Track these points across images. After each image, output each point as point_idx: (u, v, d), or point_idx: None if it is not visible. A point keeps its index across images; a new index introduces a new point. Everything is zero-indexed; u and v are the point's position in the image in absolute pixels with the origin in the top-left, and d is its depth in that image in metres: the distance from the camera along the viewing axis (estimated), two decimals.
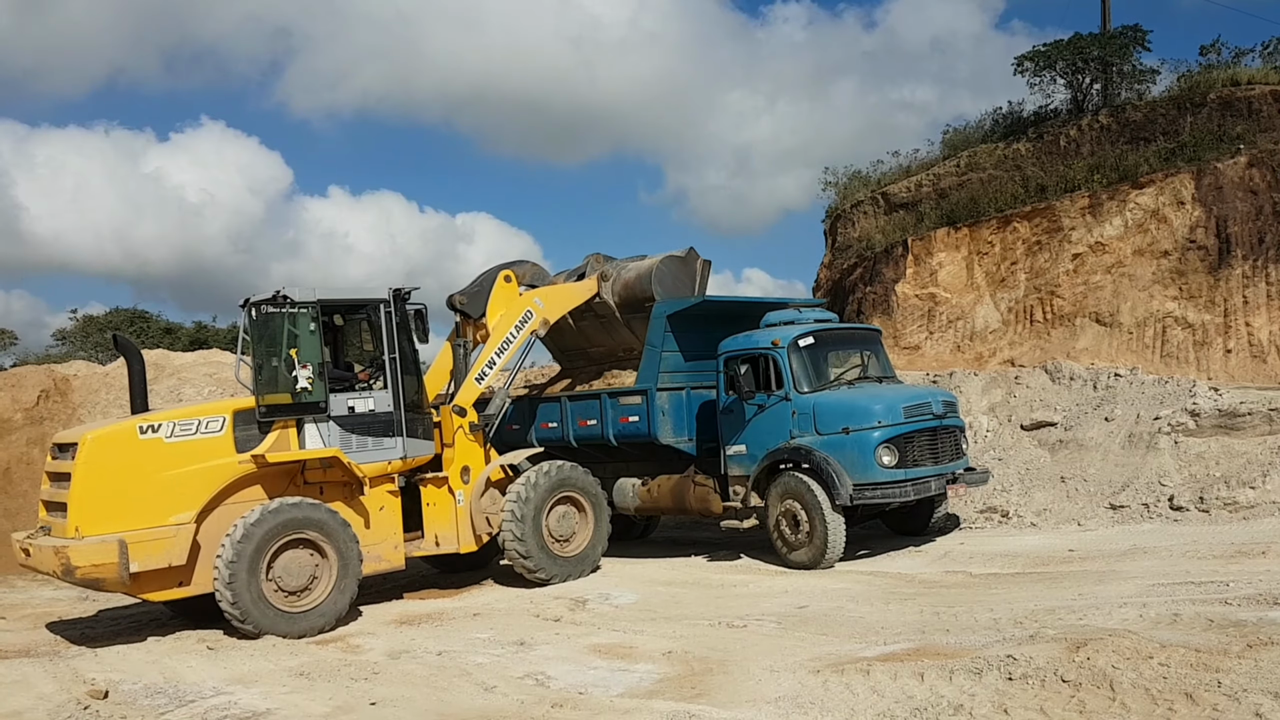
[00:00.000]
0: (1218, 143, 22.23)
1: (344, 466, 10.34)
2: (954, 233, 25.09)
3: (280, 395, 10.18)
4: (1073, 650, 6.31)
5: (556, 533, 11.70)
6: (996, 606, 8.36)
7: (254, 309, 10.21)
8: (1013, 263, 24.59)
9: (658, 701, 6.80)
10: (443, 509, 11.38)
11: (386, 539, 10.82)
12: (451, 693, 7.36)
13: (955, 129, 28.16)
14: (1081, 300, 23.33)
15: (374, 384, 10.83)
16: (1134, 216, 22.92)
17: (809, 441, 11.38)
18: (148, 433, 9.69)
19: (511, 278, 12.59)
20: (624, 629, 9.09)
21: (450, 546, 11.43)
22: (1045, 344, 23.58)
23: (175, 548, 9.49)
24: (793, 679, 6.99)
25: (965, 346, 24.77)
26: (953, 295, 25.13)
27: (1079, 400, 13.86)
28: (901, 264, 25.71)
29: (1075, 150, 25.08)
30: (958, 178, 26.40)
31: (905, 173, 27.85)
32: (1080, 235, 23.47)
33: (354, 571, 10.08)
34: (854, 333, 13.45)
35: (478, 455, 11.70)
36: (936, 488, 11.30)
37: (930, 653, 7.07)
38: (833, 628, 8.39)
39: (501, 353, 12.16)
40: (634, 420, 12.55)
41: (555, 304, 12.88)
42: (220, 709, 7.24)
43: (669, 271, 13.08)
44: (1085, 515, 11.96)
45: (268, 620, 9.52)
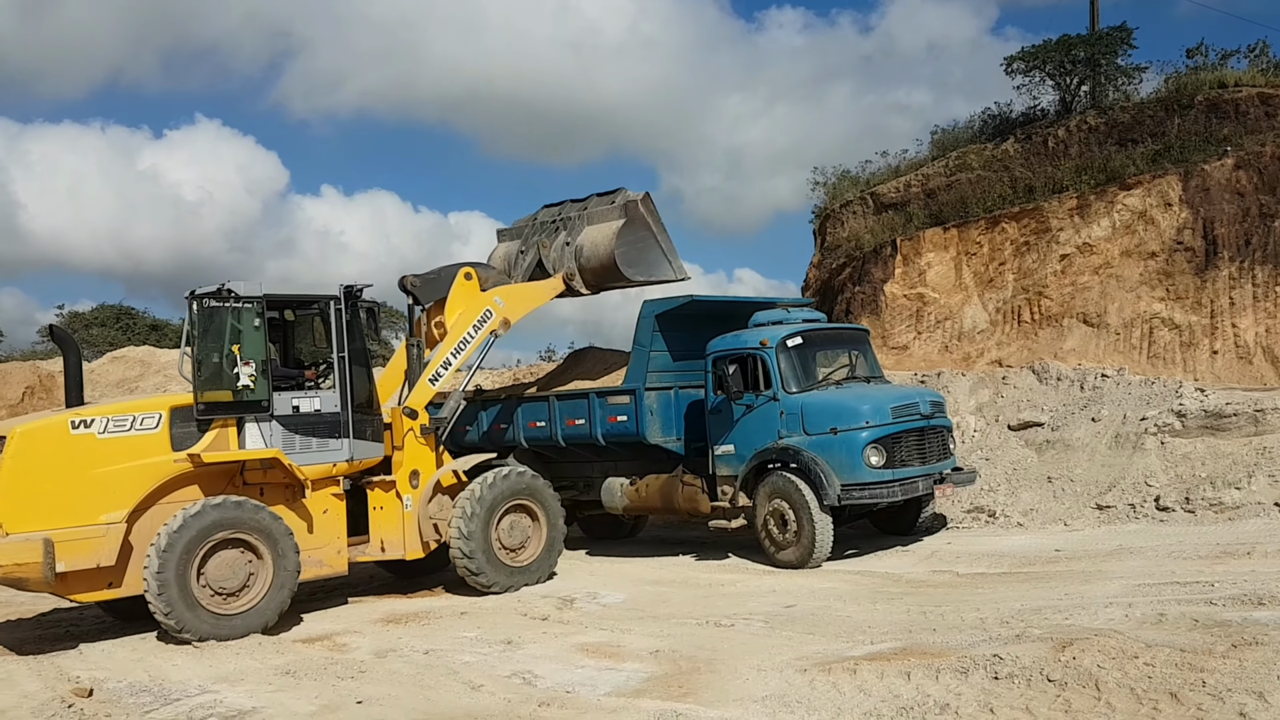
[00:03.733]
0: (1205, 145, 22.29)
1: (285, 468, 10.00)
2: (942, 233, 25.10)
3: (221, 392, 9.83)
4: (1059, 650, 6.34)
5: (507, 541, 11.22)
6: (983, 606, 8.38)
7: (197, 302, 9.89)
8: (1001, 263, 24.62)
9: (645, 700, 6.80)
10: (390, 514, 11.01)
11: (329, 543, 10.47)
12: (438, 691, 7.34)
13: (944, 130, 28.15)
14: (1069, 301, 23.37)
15: (322, 383, 10.55)
16: (1121, 218, 22.98)
17: (797, 442, 11.39)
18: (80, 427, 9.33)
19: (473, 275, 12.18)
20: (611, 628, 9.07)
21: (396, 553, 11.08)
22: (1033, 344, 23.62)
23: (105, 548, 9.15)
24: (779, 678, 6.99)
25: (953, 346, 24.80)
26: (941, 295, 25.15)
27: (1066, 400, 13.92)
28: (890, 264, 25.71)
29: (1063, 151, 25.13)
30: (946, 178, 26.44)
31: (894, 173, 27.89)
32: (1068, 236, 23.51)
33: (291, 572, 9.74)
34: (842, 333, 13.47)
35: (428, 459, 11.34)
36: (924, 488, 11.34)
37: (917, 652, 7.08)
38: (820, 627, 8.40)
39: (458, 353, 11.74)
40: (622, 420, 12.54)
41: (517, 303, 12.43)
42: (206, 707, 7.23)
43: (629, 244, 12.51)
44: (1071, 515, 12.01)
45: (200, 623, 9.24)
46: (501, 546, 11.15)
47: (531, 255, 12.75)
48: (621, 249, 12.36)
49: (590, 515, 14.56)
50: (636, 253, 12.54)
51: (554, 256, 12.74)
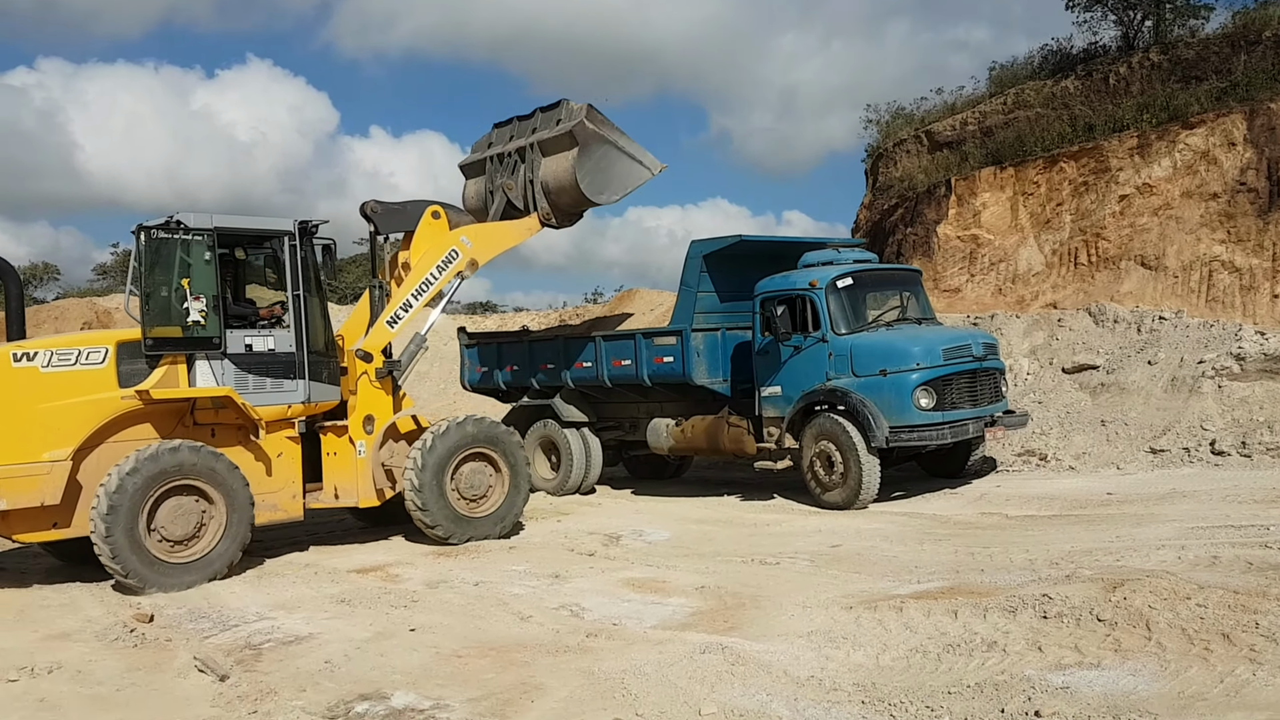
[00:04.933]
0: (1272, 82, 21.46)
1: (237, 408, 9.63)
2: (999, 173, 24.60)
3: (170, 328, 9.39)
4: (1109, 590, 6.28)
5: (466, 491, 10.64)
6: (1032, 548, 8.33)
7: (145, 234, 9.47)
8: (1058, 204, 24.10)
9: (690, 634, 6.87)
10: (343, 460, 10.55)
11: (284, 487, 10.08)
12: (488, 621, 7.47)
13: (1003, 66, 27.39)
14: (1127, 243, 22.85)
15: (277, 322, 10.08)
16: (1183, 158, 22.32)
17: (845, 383, 11.32)
18: (22, 360, 8.95)
19: (441, 214, 11.51)
20: (657, 564, 9.16)
21: (350, 500, 10.64)
22: (1089, 287, 23.18)
23: (49, 486, 8.80)
24: (825, 614, 7.02)
25: (1007, 289, 24.42)
26: (996, 237, 24.71)
27: (1122, 343, 13.65)
28: (944, 204, 25.28)
29: (1124, 89, 24.40)
30: (1004, 116, 25.82)
31: (950, 110, 27.26)
32: (1128, 176, 22.92)
33: (245, 519, 9.39)
34: (894, 274, 13.28)
35: (384, 404, 10.80)
36: (974, 430, 11.23)
37: (964, 591, 7.07)
38: (866, 566, 8.41)
39: (420, 294, 11.10)
40: (669, 361, 12.53)
41: (487, 243, 11.68)
42: (264, 632, 7.42)
43: (591, 169, 11.53)
44: (1125, 459, 11.84)
45: (150, 572, 8.88)
46: (460, 497, 10.60)
47: (500, 198, 12.14)
48: (587, 178, 11.52)
49: (635, 456, 14.68)
50: (602, 174, 11.68)
51: (522, 197, 11.99)
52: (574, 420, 13.65)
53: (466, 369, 15.15)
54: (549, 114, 11.90)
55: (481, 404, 17.74)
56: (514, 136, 12.21)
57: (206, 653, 6.80)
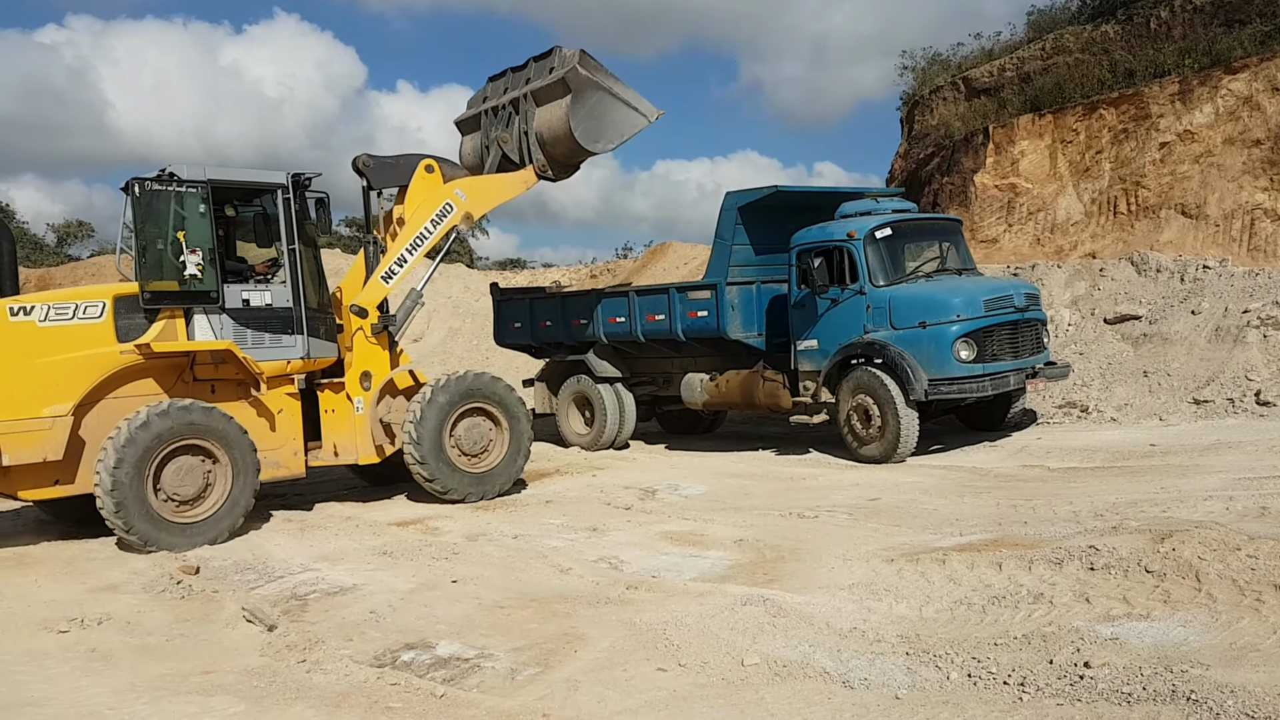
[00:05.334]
0: None
1: (239, 362, 9.56)
2: (1037, 120, 24.13)
3: (167, 282, 9.28)
4: (1157, 541, 6.21)
5: (466, 447, 10.54)
6: (1075, 500, 8.24)
7: (138, 186, 9.29)
8: (1097, 152, 23.63)
9: (730, 586, 6.87)
10: (341, 417, 10.46)
11: (286, 444, 10.01)
12: (529, 573, 7.52)
13: (1041, 10, 26.79)
14: (1168, 191, 22.38)
15: (271, 278, 9.96)
16: (1225, 103, 21.78)
17: (884, 336, 11.20)
18: (19, 315, 8.83)
19: (435, 167, 11.24)
20: (694, 518, 9.16)
21: (349, 457, 10.53)
22: (1129, 236, 22.78)
23: (51, 441, 8.74)
24: (866, 567, 7.00)
25: (1045, 239, 24.06)
26: (1034, 186, 24.31)
27: (1165, 293, 13.41)
28: (981, 153, 24.87)
29: (1166, 33, 23.77)
30: (1043, 61, 25.28)
31: (987, 56, 26.73)
32: (1168, 123, 22.41)
33: (251, 478, 9.31)
34: (933, 223, 13.05)
35: (380, 360, 10.72)
36: (1015, 382, 11.09)
37: (1008, 543, 7.02)
38: (905, 519, 8.36)
39: (414, 249, 10.88)
40: (703, 315, 12.45)
41: (481, 197, 11.43)
42: (309, 584, 7.52)
43: (585, 117, 11.12)
44: (1167, 410, 11.67)
45: (155, 532, 8.81)
46: (460, 453, 10.52)
47: (495, 151, 11.82)
48: (581, 126, 11.10)
49: (669, 411, 14.67)
50: (597, 122, 11.26)
51: (518, 149, 11.64)
52: (608, 375, 13.64)
53: (499, 325, 15.14)
54: (541, 63, 11.57)
55: (514, 359, 17.80)
56: (508, 88, 11.93)
57: (254, 603, 6.89)
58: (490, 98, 12.15)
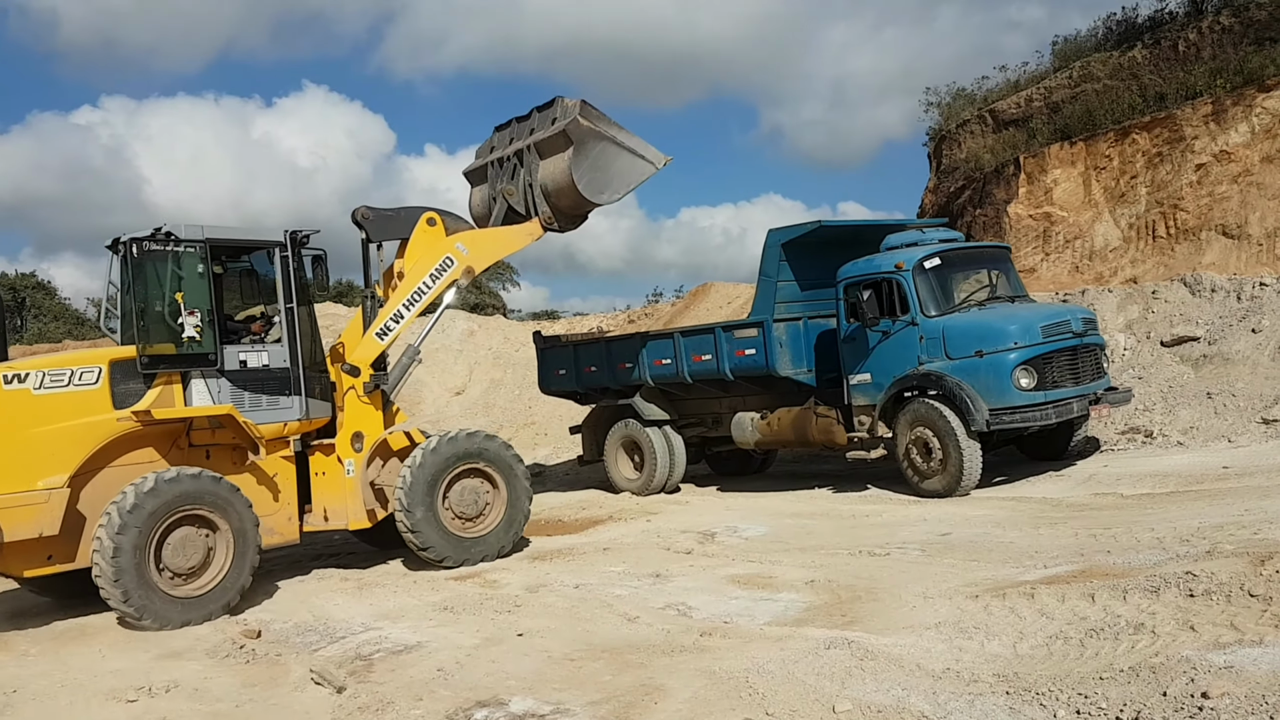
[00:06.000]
0: None
1: (237, 427, 9.15)
2: (1068, 148, 24.02)
3: (164, 345, 8.95)
4: (1258, 564, 5.93)
5: (460, 510, 10.06)
6: (1157, 526, 7.96)
7: (134, 246, 8.90)
8: (1132, 176, 23.46)
9: (810, 629, 6.65)
10: (332, 480, 9.99)
11: (281, 510, 9.61)
12: (595, 624, 7.32)
13: (1066, 39, 26.79)
14: (1207, 213, 22.16)
15: (266, 337, 9.62)
16: (1261, 122, 21.59)
17: (939, 366, 10.99)
18: (13, 382, 8.41)
19: (436, 220, 10.86)
20: (759, 559, 8.94)
21: (340, 522, 10.05)
22: (1169, 260, 22.52)
23: (47, 516, 8.21)
24: (949, 604, 6.76)
25: (1084, 266, 23.83)
26: (1069, 214, 24.14)
27: (1222, 313, 13.12)
28: (1013, 183, 24.77)
29: (1195, 55, 23.66)
30: (1070, 90, 25.21)
31: (1013, 88, 26.71)
32: (1203, 144, 22.22)
33: (252, 547, 8.86)
34: (982, 251, 12.87)
35: (373, 420, 10.23)
36: (1079, 409, 10.84)
37: (1097, 574, 6.76)
38: (982, 554, 8.10)
39: (412, 304, 10.49)
40: (750, 353, 12.32)
41: (484, 250, 11.10)
42: (373, 643, 7.36)
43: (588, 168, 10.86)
44: (1235, 431, 11.34)
45: (157, 607, 8.26)
46: (455, 516, 10.04)
47: (500, 203, 11.56)
48: (585, 178, 10.85)
49: (719, 452, 14.46)
50: (601, 173, 10.98)
51: (523, 201, 11.36)
52: (655, 419, 13.48)
53: (544, 372, 15.05)
54: (545, 113, 11.39)
55: (558, 406, 17.69)
56: (513, 139, 11.75)
57: (321, 665, 6.73)
58: (496, 148, 12.02)
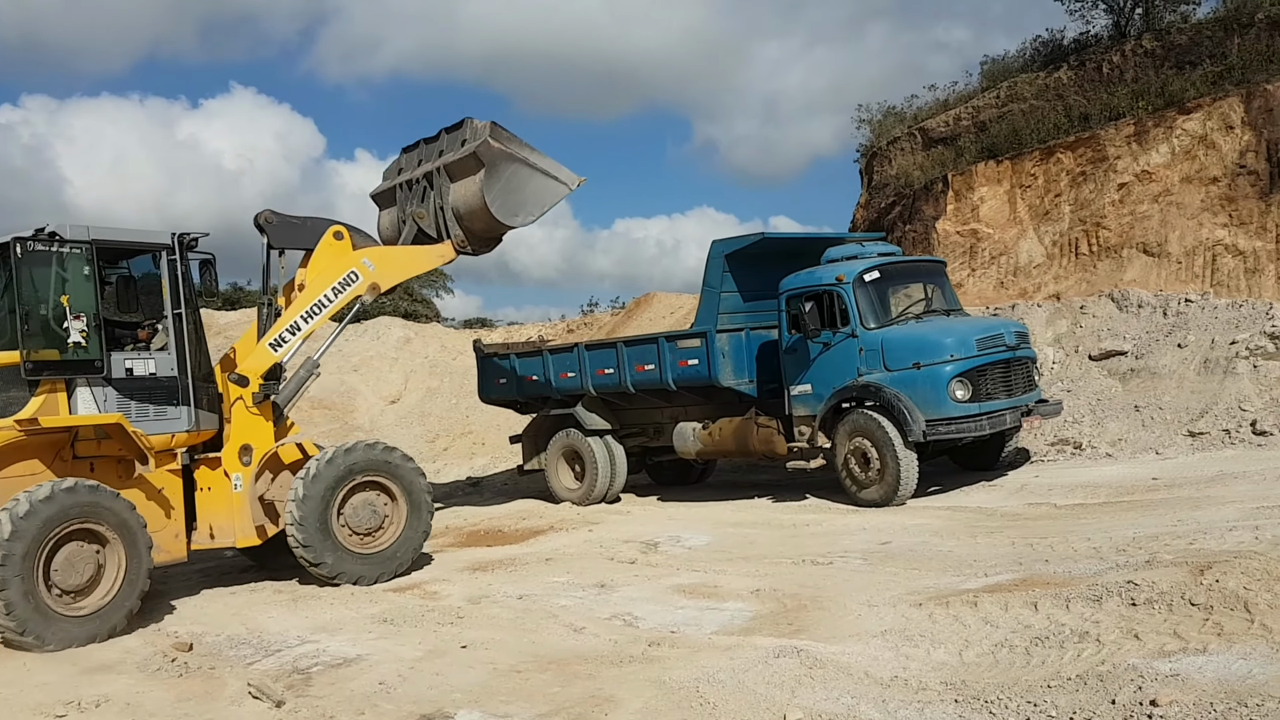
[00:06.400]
0: (1267, 64, 21.48)
1: (126, 437, 8.67)
2: (995, 166, 24.59)
3: (49, 350, 8.49)
4: (1197, 574, 6.09)
5: (356, 525, 9.59)
6: (1093, 536, 8.14)
7: (17, 247, 8.44)
8: (1056, 195, 24.09)
9: (757, 638, 6.67)
10: (218, 494, 9.50)
11: (168, 526, 9.12)
12: (541, 634, 7.25)
13: (994, 60, 27.48)
14: (1128, 231, 22.82)
15: (152, 344, 9.14)
16: (1181, 143, 22.33)
17: (878, 378, 11.13)
18: None
19: (344, 234, 10.52)
20: (704, 569, 8.95)
21: (226, 539, 9.55)
22: (1092, 277, 23.14)
23: None
24: (894, 613, 6.83)
25: (1009, 282, 24.37)
26: (995, 230, 24.68)
27: (1148, 328, 13.52)
28: (941, 200, 25.25)
29: (1118, 77, 24.43)
30: (998, 109, 25.83)
31: (943, 107, 27.29)
32: (1126, 164, 22.91)
33: (145, 563, 8.34)
34: (919, 265, 13.11)
35: (263, 432, 9.76)
36: (1012, 420, 11.06)
37: (1038, 582, 6.88)
38: (923, 562, 8.21)
39: (311, 316, 10.05)
40: (693, 364, 12.35)
41: (391, 268, 10.73)
42: (310, 656, 7.18)
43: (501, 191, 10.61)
44: (1163, 444, 11.68)
45: (40, 625, 7.71)
46: (351, 532, 9.58)
47: (410, 226, 11.23)
48: (497, 201, 10.59)
49: (659, 462, 14.47)
50: (515, 195, 10.78)
51: (434, 224, 11.05)
52: (597, 428, 13.43)
53: (483, 381, 14.90)
54: (453, 135, 11.08)
55: (497, 416, 17.53)
56: (421, 161, 11.43)
57: (259, 679, 6.53)
58: (404, 170, 11.69)
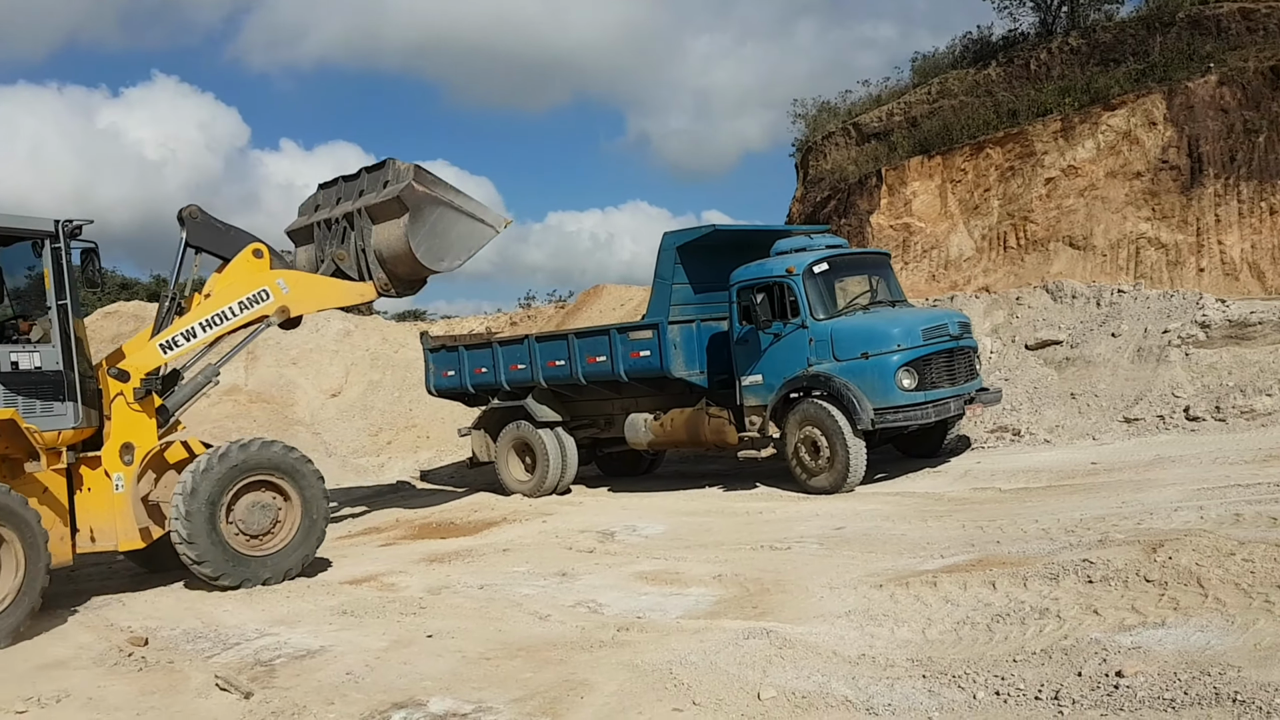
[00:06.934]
0: (1188, 62, 22.30)
1: (18, 434, 8.25)
2: (927, 161, 25.10)
3: None
4: (1150, 552, 6.34)
5: (247, 526, 9.20)
6: (1041, 518, 8.40)
7: None
8: (986, 189, 24.69)
9: (725, 621, 6.76)
10: (98, 496, 9.00)
11: (54, 528, 8.56)
12: (506, 623, 7.25)
13: (925, 56, 28.00)
14: (1055, 225, 23.51)
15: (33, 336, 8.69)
16: (1106, 139, 23.05)
17: (828, 368, 11.32)
18: None
19: (264, 253, 10.22)
20: (663, 556, 9.02)
21: (108, 542, 9.03)
22: (1019, 270, 23.79)
23: None
24: (855, 594, 6.98)
25: (940, 275, 24.92)
26: (927, 224, 25.21)
27: (1083, 318, 13.96)
28: (875, 195, 25.71)
29: (1046, 74, 25.12)
30: (929, 105, 26.35)
31: (876, 102, 27.74)
32: (1053, 159, 23.57)
33: (44, 565, 7.90)
34: (865, 257, 13.37)
35: (145, 430, 9.27)
36: (955, 408, 11.35)
37: (994, 562, 7.08)
38: (878, 545, 8.39)
39: (210, 326, 9.71)
40: (645, 355, 12.41)
41: (307, 294, 10.37)
42: (271, 649, 7.08)
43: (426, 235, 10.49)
44: (1099, 430, 12.08)
45: None
46: (239, 532, 9.17)
47: (329, 265, 11.00)
48: (423, 246, 10.44)
49: (609, 453, 14.51)
50: (440, 240, 10.61)
51: (356, 266, 10.81)
52: (548, 420, 13.43)
53: (431, 374, 14.79)
54: (375, 174, 10.89)
55: (441, 408, 17.39)
56: (340, 199, 11.18)
57: (226, 671, 6.44)
58: (322, 207, 11.41)
